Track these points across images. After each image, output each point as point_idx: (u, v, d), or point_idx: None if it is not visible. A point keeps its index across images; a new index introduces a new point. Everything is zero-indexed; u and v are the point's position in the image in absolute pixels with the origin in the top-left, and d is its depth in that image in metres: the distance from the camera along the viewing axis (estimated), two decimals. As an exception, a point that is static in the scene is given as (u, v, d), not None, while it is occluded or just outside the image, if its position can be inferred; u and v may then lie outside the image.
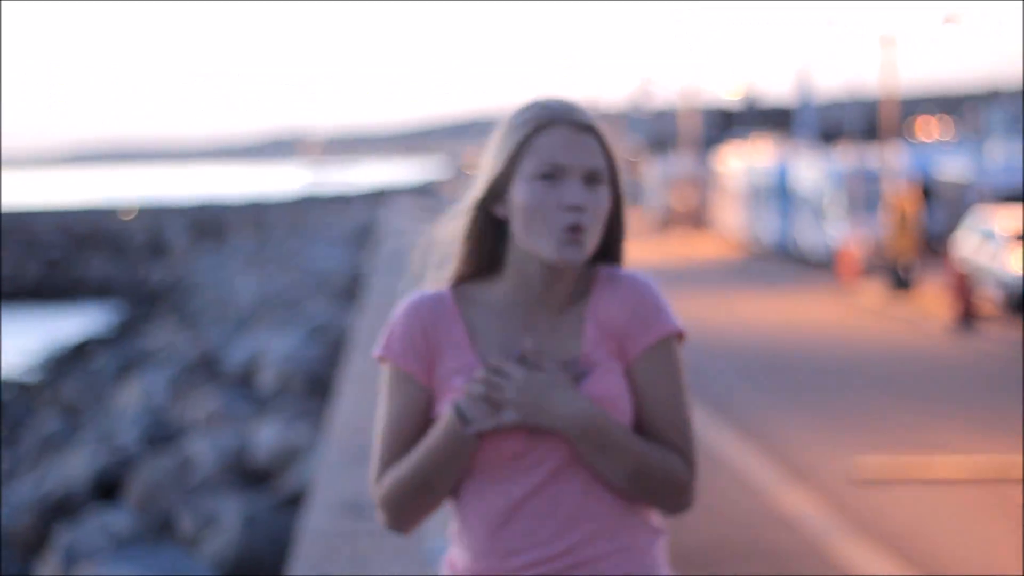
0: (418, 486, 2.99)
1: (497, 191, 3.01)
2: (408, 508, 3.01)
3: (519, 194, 2.98)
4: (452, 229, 3.08)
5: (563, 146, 2.98)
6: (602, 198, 2.99)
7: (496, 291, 3.04)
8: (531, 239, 2.97)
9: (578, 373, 2.98)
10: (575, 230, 2.95)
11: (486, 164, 3.04)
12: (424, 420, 3.03)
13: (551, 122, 2.99)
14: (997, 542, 10.90)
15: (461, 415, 2.95)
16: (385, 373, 3.06)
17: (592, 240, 2.98)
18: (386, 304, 18.97)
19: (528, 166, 2.98)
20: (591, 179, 2.98)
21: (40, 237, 62.44)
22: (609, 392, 2.98)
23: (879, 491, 12.50)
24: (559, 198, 2.96)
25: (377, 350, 3.06)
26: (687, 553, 10.42)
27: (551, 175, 2.97)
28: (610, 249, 3.08)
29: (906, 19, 51.18)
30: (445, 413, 2.97)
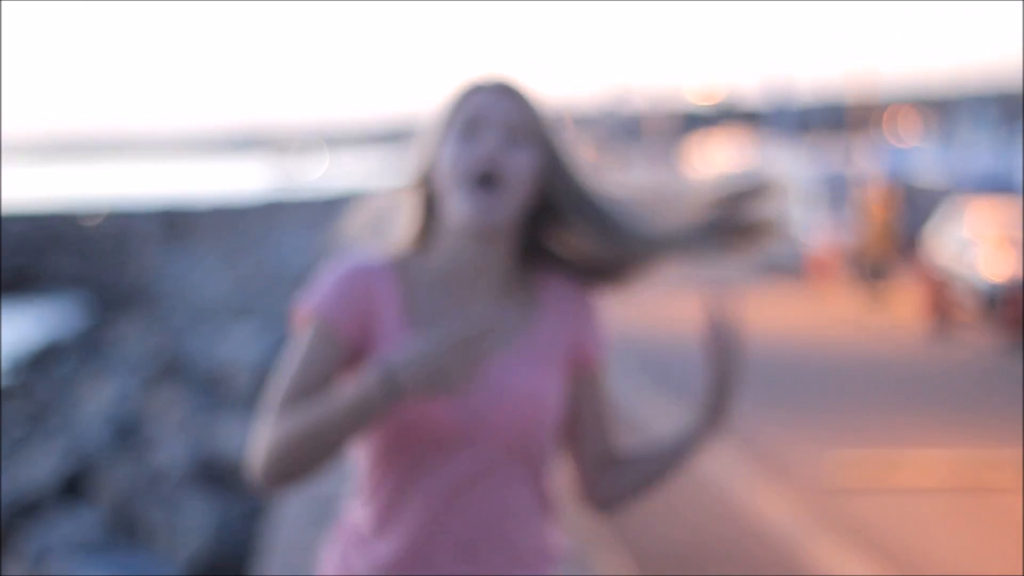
0: (309, 440, 2.79)
1: (430, 168, 2.97)
2: (295, 464, 2.81)
3: (442, 159, 2.92)
4: (393, 201, 3.03)
5: (483, 103, 2.93)
6: (527, 156, 2.91)
7: (431, 264, 2.96)
8: (450, 201, 2.90)
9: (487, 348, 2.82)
10: (486, 179, 2.87)
11: (423, 140, 3.00)
12: (332, 378, 2.90)
13: (476, 88, 2.96)
14: (969, 544, 10.94)
15: (393, 378, 2.75)
16: (307, 331, 2.91)
17: (512, 197, 2.89)
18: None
19: (451, 131, 2.93)
20: (513, 135, 2.91)
21: (6, 235, 62.33)
22: (544, 389, 2.93)
23: (852, 494, 12.54)
24: (474, 151, 2.90)
25: (305, 306, 2.92)
26: (660, 554, 10.42)
27: (470, 131, 2.91)
28: (553, 228, 3.01)
29: (880, 20, 51.53)
30: (372, 369, 2.76)
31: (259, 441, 2.87)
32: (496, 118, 2.90)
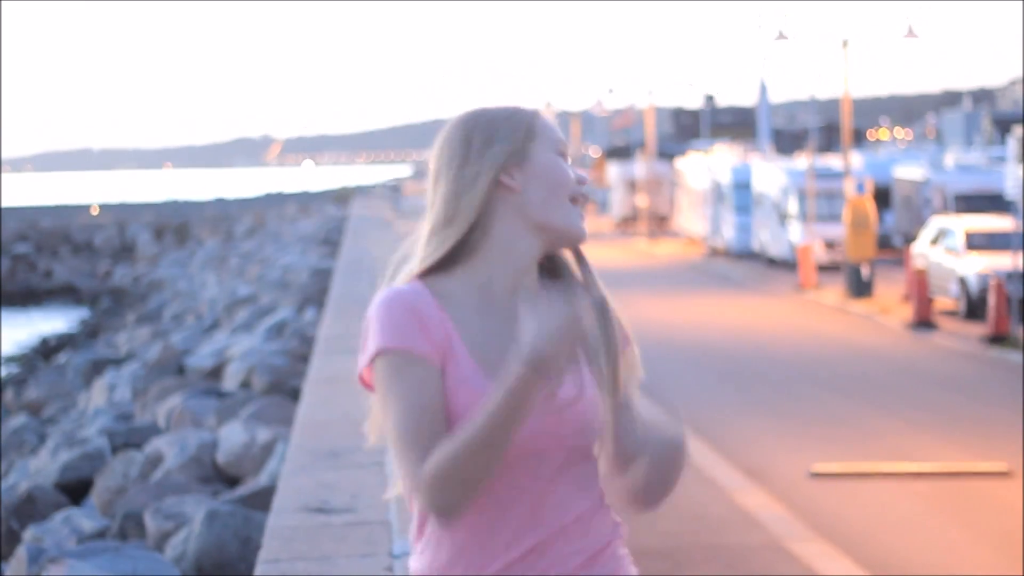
0: (480, 450, 2.77)
1: (516, 157, 2.96)
2: (468, 479, 2.79)
3: (539, 166, 2.97)
4: (462, 203, 2.96)
5: (558, 130, 3.04)
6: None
7: (460, 284, 2.97)
8: (548, 211, 2.96)
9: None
10: (579, 199, 3.01)
11: (488, 137, 2.98)
12: (442, 402, 2.87)
13: (540, 112, 3.06)
14: (953, 541, 11.05)
15: (541, 361, 2.74)
16: (387, 367, 2.87)
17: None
18: (350, 304, 19.06)
19: (542, 142, 2.99)
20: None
21: (6, 238, 62.20)
22: (593, 393, 3.04)
23: (837, 490, 12.65)
24: (572, 173, 3.01)
25: (377, 344, 2.87)
26: (648, 552, 10.54)
27: (562, 152, 3.01)
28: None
29: (866, 28, 51.48)
30: (513, 361, 2.76)
31: (421, 486, 2.82)
32: (570, 149, 3.05)
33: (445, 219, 2.96)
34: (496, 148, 2.96)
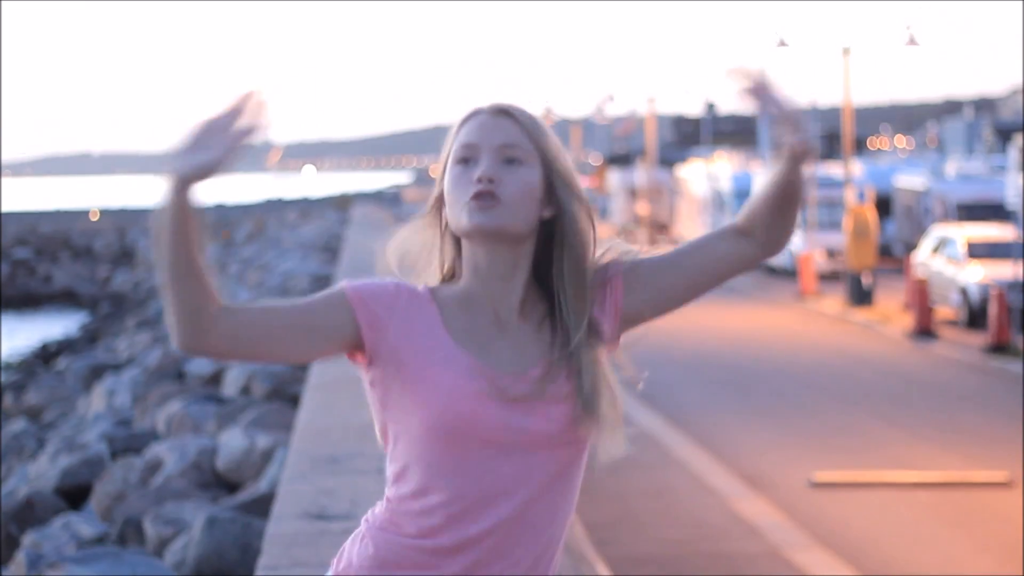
0: (167, 266, 2.87)
1: (440, 193, 3.09)
2: (182, 308, 2.87)
3: (445, 187, 3.06)
4: (417, 239, 3.13)
5: (476, 129, 3.04)
6: (523, 175, 3.01)
7: (456, 291, 3.06)
8: (452, 219, 3.02)
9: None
10: (481, 196, 2.98)
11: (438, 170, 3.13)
12: (305, 338, 2.97)
13: (473, 114, 3.08)
14: (953, 551, 11.05)
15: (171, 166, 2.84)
16: (335, 290, 3.02)
17: (510, 210, 2.99)
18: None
19: (451, 158, 3.06)
20: (508, 158, 3.02)
21: (6, 242, 62.23)
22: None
23: (837, 499, 12.65)
24: (471, 175, 3.01)
25: (347, 282, 3.03)
26: (647, 559, 10.54)
27: (466, 158, 3.02)
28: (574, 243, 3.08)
29: (867, 36, 51.55)
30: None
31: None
32: (488, 143, 3.01)
33: (427, 242, 3.13)
34: (433, 196, 3.11)
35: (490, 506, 2.97)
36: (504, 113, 3.05)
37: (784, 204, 3.16)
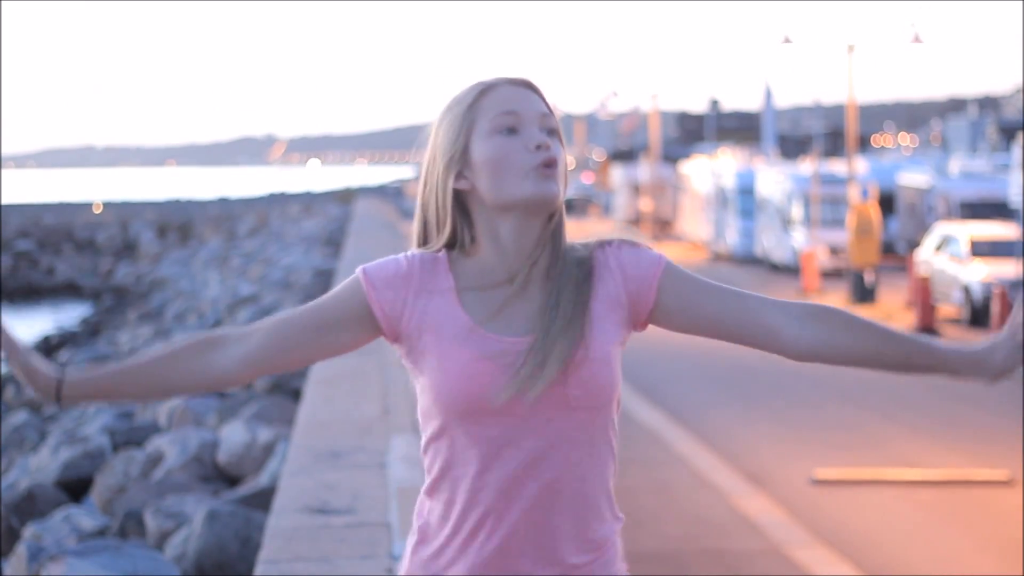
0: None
1: (456, 163, 3.00)
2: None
3: (483, 153, 2.97)
4: (423, 213, 3.08)
5: (512, 97, 2.99)
6: (560, 148, 2.99)
7: (472, 264, 3.01)
8: (506, 189, 2.95)
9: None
10: (549, 165, 2.94)
11: (438, 143, 3.03)
12: (326, 335, 3.00)
13: (491, 86, 3.01)
14: (954, 549, 11.05)
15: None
16: (351, 281, 3.02)
17: (563, 180, 2.98)
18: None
19: (483, 126, 2.98)
20: (548, 128, 2.99)
21: (8, 235, 62.25)
22: (605, 353, 2.97)
23: (838, 497, 12.65)
24: (524, 143, 2.95)
25: (363, 267, 3.02)
26: (648, 555, 10.54)
27: (510, 126, 2.97)
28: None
29: (871, 34, 51.53)
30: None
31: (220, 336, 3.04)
32: (532, 111, 2.97)
33: (427, 233, 3.07)
34: (440, 163, 3.02)
35: (516, 478, 2.93)
36: (528, 86, 3.02)
37: (889, 367, 3.14)
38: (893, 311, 28.67)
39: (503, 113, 2.97)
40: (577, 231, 3.11)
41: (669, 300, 3.03)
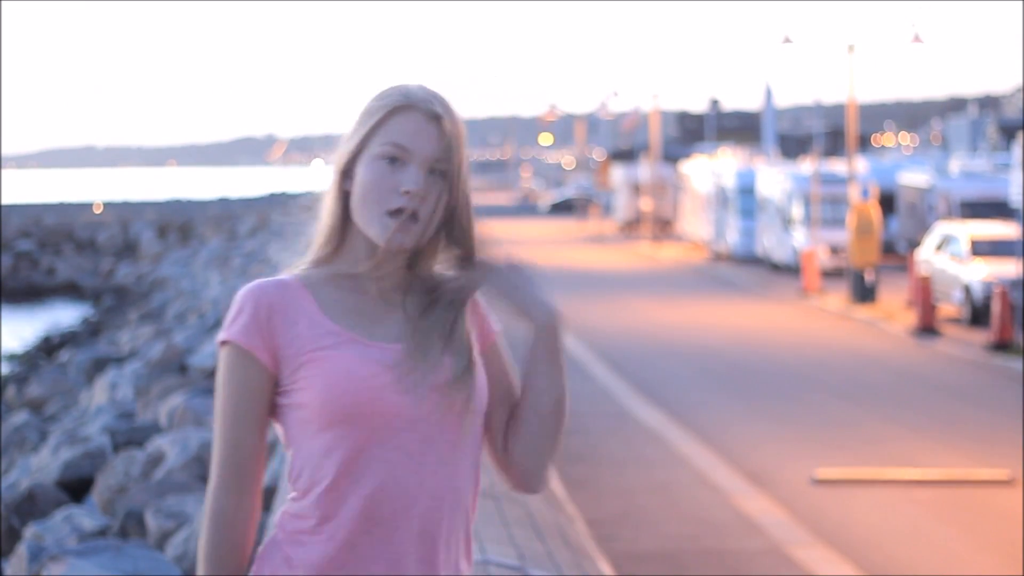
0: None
1: (348, 166, 3.00)
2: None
3: (361, 171, 2.96)
4: (326, 212, 3.05)
5: (412, 131, 2.96)
6: (440, 189, 2.97)
7: (330, 271, 3.02)
8: (363, 217, 2.96)
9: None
10: (403, 214, 2.93)
11: (344, 140, 3.03)
12: (264, 402, 2.96)
13: (407, 106, 2.97)
14: (955, 549, 11.05)
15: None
16: (226, 357, 2.97)
17: (425, 229, 2.96)
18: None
19: (374, 147, 2.97)
20: (434, 169, 2.96)
21: (9, 235, 62.26)
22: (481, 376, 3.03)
23: (839, 496, 12.65)
24: (398, 181, 2.94)
25: (224, 334, 2.96)
26: (649, 555, 10.55)
27: (395, 157, 2.95)
28: (458, 242, 3.03)
29: (872, 33, 51.57)
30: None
31: (208, 510, 2.95)
32: (421, 152, 2.95)
33: (320, 218, 3.07)
34: (341, 150, 3.03)
35: (399, 486, 2.92)
36: (437, 120, 2.98)
37: (555, 387, 3.08)
38: (893, 311, 28.67)
39: (394, 144, 2.96)
40: (578, 231, 3.10)
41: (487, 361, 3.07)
